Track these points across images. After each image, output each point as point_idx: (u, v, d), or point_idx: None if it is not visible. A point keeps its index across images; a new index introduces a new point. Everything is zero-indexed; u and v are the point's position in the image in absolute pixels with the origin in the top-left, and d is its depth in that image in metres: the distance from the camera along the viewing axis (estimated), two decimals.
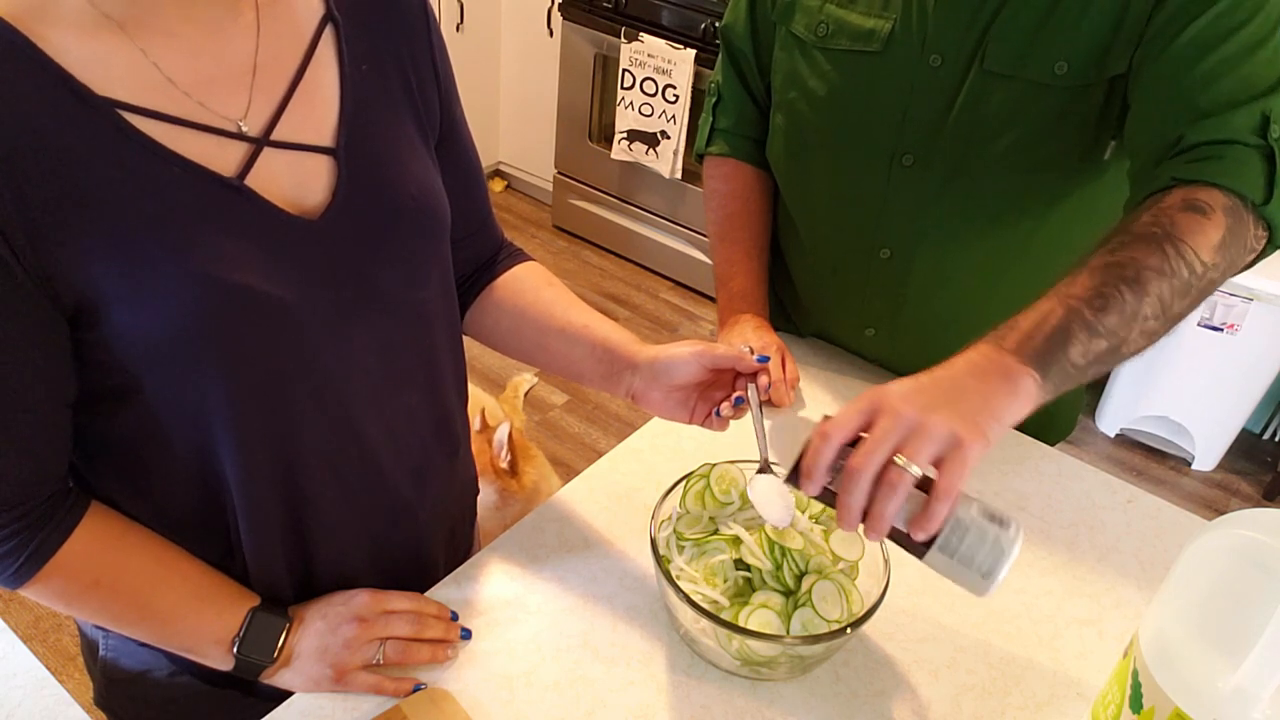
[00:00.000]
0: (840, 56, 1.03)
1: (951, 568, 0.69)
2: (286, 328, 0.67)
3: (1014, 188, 1.00)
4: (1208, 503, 2.57)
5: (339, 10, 0.73)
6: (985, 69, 0.95)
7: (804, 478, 0.69)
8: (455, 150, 0.85)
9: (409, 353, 0.78)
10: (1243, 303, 2.33)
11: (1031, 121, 0.95)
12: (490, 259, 0.94)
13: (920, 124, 1.00)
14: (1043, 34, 0.92)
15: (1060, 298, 0.76)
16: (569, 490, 1.00)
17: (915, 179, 1.02)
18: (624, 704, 0.79)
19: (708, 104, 1.22)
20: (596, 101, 3.11)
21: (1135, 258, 0.77)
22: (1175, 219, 0.79)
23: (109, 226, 0.59)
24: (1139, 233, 0.79)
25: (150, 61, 0.62)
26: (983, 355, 0.73)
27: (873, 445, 0.66)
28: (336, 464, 0.76)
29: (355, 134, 0.71)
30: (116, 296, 0.60)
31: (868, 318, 1.15)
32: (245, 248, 0.64)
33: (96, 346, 0.63)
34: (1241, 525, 0.64)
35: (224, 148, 0.65)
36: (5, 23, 0.57)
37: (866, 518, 0.66)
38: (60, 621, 1.91)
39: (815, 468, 0.68)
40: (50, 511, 0.67)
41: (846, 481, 0.66)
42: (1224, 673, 0.60)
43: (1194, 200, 0.80)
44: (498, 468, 1.77)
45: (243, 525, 0.74)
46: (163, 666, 0.83)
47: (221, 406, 0.67)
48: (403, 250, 0.74)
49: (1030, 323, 0.75)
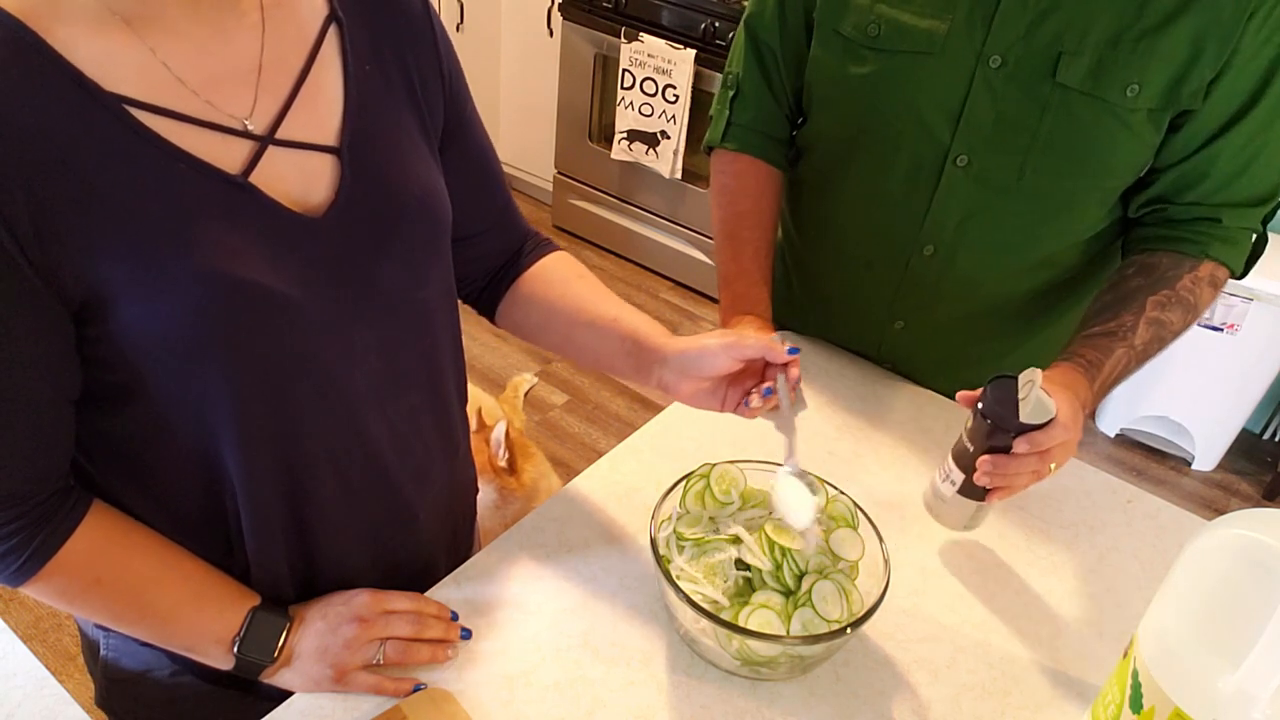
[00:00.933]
0: (892, 56, 1.02)
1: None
2: (292, 324, 0.67)
3: (1070, 195, 1.02)
4: (1208, 503, 2.57)
5: (342, 10, 0.73)
6: (1058, 81, 0.95)
7: (993, 493, 0.88)
8: (466, 147, 0.85)
9: (410, 351, 0.78)
10: (1243, 303, 2.33)
11: (1096, 138, 0.96)
12: (516, 251, 0.95)
13: (978, 125, 1.00)
14: (1117, 53, 0.93)
15: (1127, 347, 0.97)
16: (569, 490, 1.00)
17: (969, 180, 1.02)
18: (624, 704, 0.79)
19: (723, 95, 1.19)
20: (596, 101, 3.11)
21: (1172, 320, 0.99)
22: (1203, 293, 1.00)
23: (116, 221, 0.60)
24: (1182, 296, 0.99)
25: (158, 59, 0.62)
26: (1082, 397, 0.92)
27: (1038, 463, 0.86)
28: (340, 462, 0.76)
29: (358, 133, 0.72)
30: (124, 291, 0.61)
31: (900, 311, 1.16)
32: (250, 244, 0.65)
33: (101, 343, 0.63)
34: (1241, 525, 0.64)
35: (229, 145, 0.65)
36: (14, 19, 0.57)
37: (1000, 485, 0.87)
38: (60, 621, 1.91)
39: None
40: (52, 509, 0.67)
41: (1012, 478, 0.86)
42: (1224, 673, 0.60)
43: (1216, 279, 1.01)
44: (496, 466, 1.77)
45: (245, 523, 0.74)
46: (164, 666, 0.83)
47: (226, 402, 0.67)
48: (404, 249, 0.74)
49: (1110, 371, 0.96)
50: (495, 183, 0.91)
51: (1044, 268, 1.09)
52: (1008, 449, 0.84)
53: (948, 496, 0.92)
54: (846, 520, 0.86)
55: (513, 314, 0.94)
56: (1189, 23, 0.90)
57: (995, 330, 1.15)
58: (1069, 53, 0.94)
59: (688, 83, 2.75)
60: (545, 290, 0.92)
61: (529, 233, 0.96)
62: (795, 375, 0.82)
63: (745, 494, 0.88)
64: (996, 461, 0.85)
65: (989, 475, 0.86)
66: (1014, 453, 0.84)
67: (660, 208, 3.13)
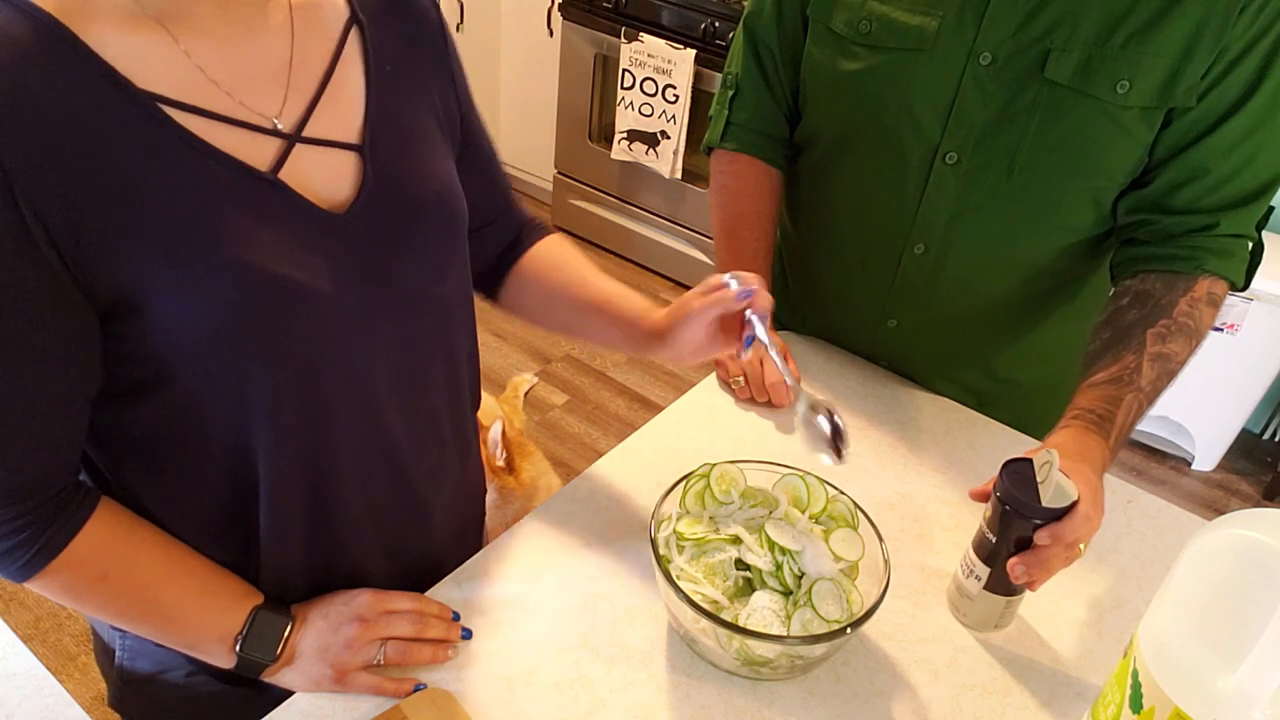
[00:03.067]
0: (883, 53, 1.02)
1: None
2: (321, 319, 0.68)
3: (1059, 193, 1.01)
4: (1208, 503, 2.57)
5: (363, 13, 0.75)
6: (1046, 77, 0.95)
7: (1026, 582, 0.83)
8: (474, 144, 0.87)
9: (429, 350, 0.79)
10: (1243, 303, 2.33)
11: (1086, 136, 0.96)
12: (515, 238, 0.97)
13: (967, 122, 1.00)
14: (1107, 50, 0.92)
15: (1135, 390, 0.93)
16: (569, 490, 1.00)
17: (958, 177, 1.02)
18: (624, 704, 0.79)
19: (723, 95, 1.20)
20: (596, 101, 3.11)
21: (1176, 351, 0.94)
22: (1204, 315, 0.96)
23: (150, 217, 0.60)
24: (1181, 324, 0.95)
25: (189, 58, 0.63)
26: (1100, 461, 0.88)
27: (1070, 552, 0.82)
28: (361, 460, 0.76)
29: (379, 131, 0.73)
30: (159, 287, 0.61)
31: (893, 309, 1.16)
32: (280, 240, 0.66)
33: (131, 339, 0.64)
34: (1241, 525, 0.64)
35: (258, 143, 0.66)
36: (50, 16, 0.58)
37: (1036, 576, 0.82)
38: (60, 621, 1.91)
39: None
40: (61, 505, 0.67)
41: (1047, 564, 0.81)
42: (1224, 673, 0.60)
43: (1214, 297, 0.97)
44: (494, 466, 1.77)
45: (265, 519, 0.74)
46: (179, 667, 0.83)
47: (260, 398, 0.68)
48: (424, 245, 0.76)
49: (1121, 418, 0.92)
50: (500, 177, 0.94)
51: (1035, 270, 1.08)
52: (1030, 538, 0.81)
53: (974, 594, 0.86)
54: (846, 520, 0.86)
55: (516, 298, 0.97)
56: (1181, 19, 0.90)
57: (988, 331, 1.15)
58: (1058, 49, 0.94)
59: (688, 83, 2.75)
60: (545, 274, 0.95)
61: (526, 219, 0.99)
62: (762, 307, 0.80)
63: (745, 494, 0.88)
64: (1028, 560, 0.81)
65: (1024, 575, 0.81)
66: (1038, 545, 0.80)
67: (660, 208, 3.13)
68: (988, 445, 1.11)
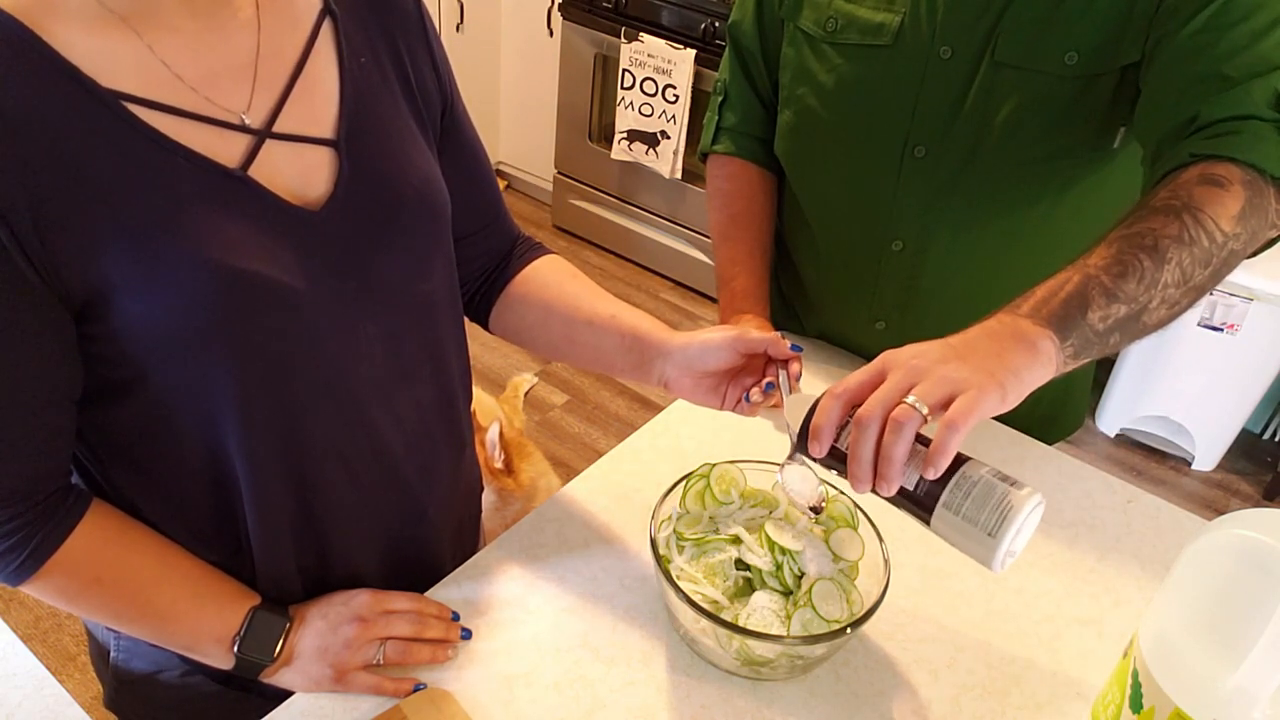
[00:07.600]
0: (850, 51, 1.03)
1: (958, 528, 0.66)
2: (293, 316, 0.68)
3: (1025, 177, 1.01)
4: (1208, 503, 2.57)
5: (335, 4, 0.74)
6: (996, 60, 0.95)
7: (812, 439, 0.68)
8: (459, 143, 0.85)
9: (415, 346, 0.79)
10: (1243, 303, 2.33)
11: (1042, 112, 0.96)
12: (507, 253, 0.95)
13: (931, 116, 1.00)
14: (1052, 25, 0.93)
15: (1077, 267, 0.76)
16: (569, 490, 1.00)
17: (927, 170, 1.03)
18: (624, 704, 0.79)
19: (713, 102, 1.22)
20: (596, 101, 3.11)
21: (1153, 228, 0.77)
22: (1193, 192, 0.79)
23: (116, 216, 0.60)
24: (1156, 206, 0.79)
25: (154, 55, 0.62)
26: (997, 320, 0.72)
27: (883, 391, 0.65)
28: (347, 458, 0.76)
29: (355, 125, 0.72)
30: (125, 285, 0.61)
31: (879, 311, 1.16)
32: (250, 237, 0.65)
33: (103, 340, 0.63)
34: (1241, 525, 0.64)
35: (227, 140, 0.66)
36: (10, 17, 0.58)
37: (877, 468, 0.65)
38: (60, 621, 1.91)
39: (824, 426, 0.67)
40: (52, 508, 0.67)
41: (856, 431, 0.65)
42: (1224, 673, 0.60)
43: (1211, 174, 0.80)
44: (493, 468, 1.77)
45: (251, 519, 0.74)
46: (175, 667, 0.83)
47: (230, 395, 0.67)
48: (405, 241, 0.75)
49: (1046, 290, 0.74)
50: (487, 181, 0.91)
51: (1021, 252, 1.06)
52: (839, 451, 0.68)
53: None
54: (846, 520, 0.86)
55: (508, 318, 0.93)
56: None
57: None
58: (1006, 31, 0.94)
59: (688, 83, 2.75)
60: (541, 292, 0.91)
61: (519, 235, 0.96)
62: (796, 371, 0.80)
63: (745, 494, 0.88)
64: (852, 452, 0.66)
65: (865, 470, 0.66)
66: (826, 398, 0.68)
67: (660, 208, 3.13)
68: (988, 445, 1.11)
